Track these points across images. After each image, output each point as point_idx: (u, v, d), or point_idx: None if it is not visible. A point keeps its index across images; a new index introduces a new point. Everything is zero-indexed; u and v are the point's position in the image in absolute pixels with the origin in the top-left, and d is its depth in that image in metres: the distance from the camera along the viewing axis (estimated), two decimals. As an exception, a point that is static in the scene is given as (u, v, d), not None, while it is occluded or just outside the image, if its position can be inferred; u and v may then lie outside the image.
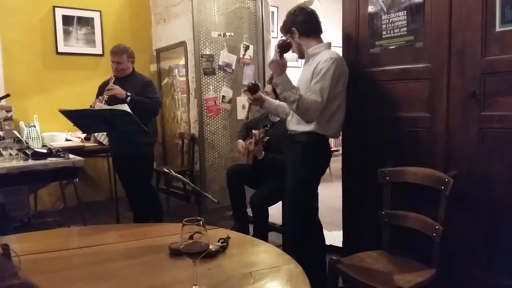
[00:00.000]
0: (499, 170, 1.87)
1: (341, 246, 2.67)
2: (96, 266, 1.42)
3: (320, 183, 2.47)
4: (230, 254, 1.46)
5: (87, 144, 4.22)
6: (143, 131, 2.90)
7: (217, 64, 4.41)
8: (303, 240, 2.31)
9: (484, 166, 1.91)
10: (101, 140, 4.26)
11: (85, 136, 4.17)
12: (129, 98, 3.06)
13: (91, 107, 3.16)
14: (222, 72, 4.45)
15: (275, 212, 3.18)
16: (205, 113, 4.38)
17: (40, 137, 4.18)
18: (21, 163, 2.93)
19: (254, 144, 2.88)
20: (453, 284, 2.01)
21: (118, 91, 3.08)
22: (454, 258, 2.00)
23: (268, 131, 2.89)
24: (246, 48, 4.58)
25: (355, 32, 2.41)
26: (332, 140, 6.43)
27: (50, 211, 4.37)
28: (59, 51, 4.59)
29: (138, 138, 3.10)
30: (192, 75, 4.43)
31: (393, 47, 2.24)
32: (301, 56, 2.37)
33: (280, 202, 2.96)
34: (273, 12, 6.10)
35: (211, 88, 4.40)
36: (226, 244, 1.50)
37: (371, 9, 2.33)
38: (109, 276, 1.34)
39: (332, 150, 6.88)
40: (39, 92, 4.48)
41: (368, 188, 2.35)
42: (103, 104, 3.04)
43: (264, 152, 2.95)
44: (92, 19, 4.78)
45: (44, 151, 3.16)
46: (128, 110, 2.80)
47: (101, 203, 4.62)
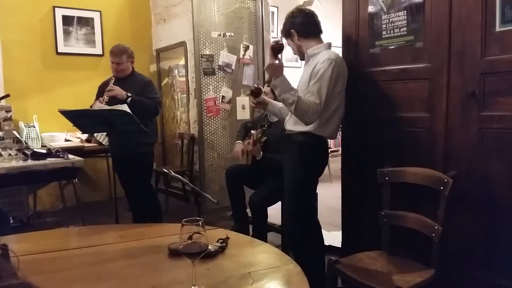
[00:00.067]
0: (498, 170, 1.87)
1: (340, 247, 2.67)
2: (95, 266, 1.42)
3: (319, 184, 2.47)
4: (229, 255, 1.46)
5: (86, 145, 4.23)
6: (143, 131, 2.90)
7: (217, 64, 4.41)
8: (302, 240, 2.31)
9: (484, 166, 1.91)
10: (100, 140, 4.26)
11: (86, 138, 4.18)
12: (129, 98, 3.06)
13: (91, 107, 3.17)
14: (222, 72, 4.45)
15: (274, 212, 3.18)
16: (204, 113, 4.38)
17: (39, 137, 4.18)
18: (20, 163, 2.93)
19: (252, 145, 2.88)
20: (452, 285, 2.01)
21: (118, 91, 3.07)
22: (454, 258, 1.99)
23: (265, 131, 2.89)
24: (246, 48, 4.58)
25: (355, 32, 2.41)
26: (332, 140, 6.45)
27: (50, 211, 4.37)
28: (59, 51, 4.59)
29: (138, 138, 3.10)
30: (192, 75, 4.43)
31: (393, 47, 2.24)
32: (302, 57, 2.37)
33: (280, 202, 2.96)
34: (273, 12, 6.10)
35: (211, 88, 4.40)
36: (225, 244, 1.50)
37: (371, 9, 2.33)
38: (108, 276, 1.34)
39: (332, 150, 6.90)
40: (38, 92, 4.48)
41: (367, 188, 2.35)
42: (103, 104, 3.03)
43: (262, 152, 2.96)
44: (92, 19, 4.78)
45: (44, 151, 3.16)
46: (128, 110, 2.80)
47: (100, 203, 4.61)
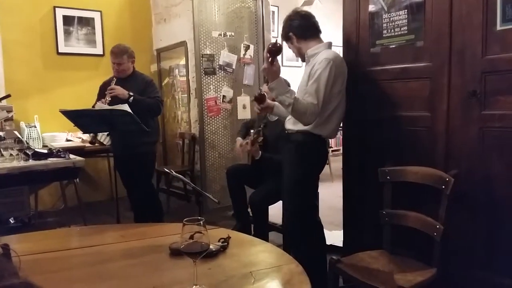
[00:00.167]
0: (499, 169, 1.86)
1: (341, 246, 2.67)
2: (97, 266, 1.42)
3: (320, 183, 2.47)
4: (231, 254, 1.46)
5: (87, 145, 4.23)
6: (144, 131, 2.90)
7: (217, 64, 4.41)
8: (303, 239, 2.30)
9: (485, 165, 1.90)
10: (101, 140, 4.26)
11: (90, 140, 4.19)
12: (131, 98, 3.06)
13: (93, 107, 3.17)
14: (222, 72, 4.45)
15: (276, 212, 3.18)
16: (205, 113, 4.39)
17: (40, 137, 4.18)
18: (21, 163, 2.93)
19: (251, 145, 2.90)
20: (453, 284, 2.01)
21: (120, 91, 3.07)
22: (455, 257, 1.99)
23: (261, 131, 2.91)
24: (247, 47, 4.58)
25: (356, 31, 2.41)
26: (333, 140, 6.45)
27: (51, 211, 4.38)
28: (59, 51, 4.59)
29: (139, 138, 3.10)
30: (192, 75, 4.43)
31: (393, 46, 2.24)
32: (303, 59, 2.37)
33: (281, 201, 2.95)
34: (273, 12, 6.10)
35: (212, 88, 4.41)
36: (226, 244, 1.50)
37: (371, 8, 2.32)
38: (109, 276, 1.34)
39: (333, 149, 6.89)
40: (39, 92, 4.48)
41: (368, 187, 2.35)
42: (105, 105, 3.03)
43: (261, 152, 2.96)
44: (93, 19, 4.78)
45: (45, 151, 3.16)
46: (129, 110, 2.80)
47: (101, 203, 4.62)
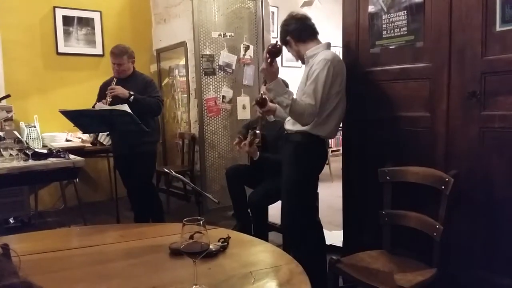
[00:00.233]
0: (499, 169, 1.86)
1: (341, 246, 2.67)
2: (97, 266, 1.42)
3: (320, 183, 2.47)
4: (231, 254, 1.46)
5: (87, 145, 4.23)
6: (144, 131, 2.90)
7: (217, 64, 4.41)
8: (302, 239, 2.30)
9: (485, 165, 1.91)
10: (101, 140, 4.26)
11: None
12: (132, 97, 3.07)
13: (93, 107, 3.17)
14: (222, 72, 4.45)
15: (275, 212, 3.17)
16: (205, 113, 4.39)
17: (40, 137, 4.18)
18: (21, 163, 2.93)
19: (249, 146, 2.91)
20: (453, 284, 2.01)
21: (120, 91, 3.08)
22: (455, 257, 1.99)
23: (257, 132, 2.93)
24: (246, 48, 4.58)
25: (355, 32, 2.41)
26: (333, 140, 6.46)
27: (51, 211, 4.38)
28: (59, 52, 4.60)
29: (140, 137, 3.11)
30: (192, 75, 4.43)
31: (393, 46, 2.24)
32: (303, 61, 2.38)
33: (280, 201, 2.96)
34: (273, 12, 6.10)
35: (211, 88, 4.41)
36: (226, 243, 1.50)
37: (371, 9, 2.33)
38: (109, 276, 1.34)
39: (333, 149, 6.89)
40: (39, 92, 4.48)
41: (368, 187, 2.35)
42: (106, 105, 3.04)
43: (258, 153, 2.97)
44: (92, 19, 4.78)
45: (45, 151, 3.16)
46: (128, 110, 2.80)
47: (101, 203, 4.62)
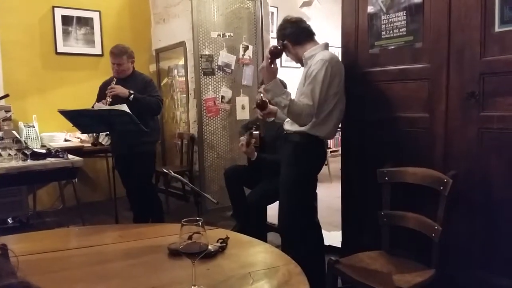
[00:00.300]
0: (498, 170, 1.87)
1: (340, 247, 2.66)
2: (95, 266, 1.42)
3: (319, 183, 2.46)
4: (229, 255, 1.46)
5: (86, 145, 4.22)
6: (144, 130, 2.90)
7: (216, 64, 4.41)
8: (301, 240, 2.30)
9: (483, 166, 1.91)
10: (100, 140, 4.25)
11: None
12: (132, 96, 3.07)
13: (93, 107, 3.17)
14: (221, 73, 4.45)
15: (274, 212, 3.17)
16: (204, 113, 4.38)
17: (39, 137, 4.18)
18: (20, 163, 2.93)
19: (246, 146, 2.91)
20: (452, 284, 2.01)
21: (120, 90, 3.08)
22: (453, 258, 2.00)
23: (253, 133, 2.93)
24: (246, 48, 4.58)
25: (355, 32, 2.41)
26: (331, 140, 6.46)
27: (49, 211, 4.37)
28: (58, 51, 4.59)
29: (140, 137, 3.11)
30: (191, 75, 4.43)
31: (392, 47, 2.24)
32: (302, 63, 2.37)
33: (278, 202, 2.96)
34: (272, 13, 6.10)
35: (211, 89, 4.41)
36: (225, 244, 1.50)
37: (370, 9, 2.33)
38: (108, 276, 1.34)
39: (332, 150, 6.90)
40: (38, 92, 4.47)
41: (367, 188, 2.35)
42: (106, 105, 3.03)
43: (256, 153, 2.97)
44: (92, 19, 4.77)
45: (43, 151, 3.16)
46: (127, 110, 2.80)
47: (100, 203, 4.61)
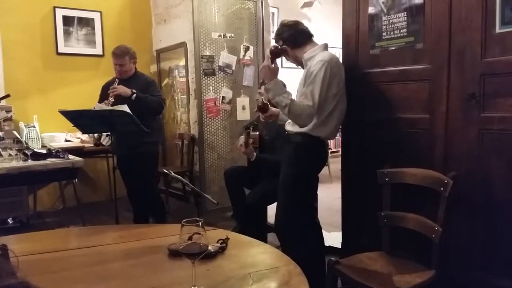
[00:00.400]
0: (498, 171, 1.86)
1: (340, 247, 2.66)
2: (96, 267, 1.42)
3: (319, 184, 2.46)
4: (229, 255, 1.46)
5: (86, 145, 4.23)
6: (144, 131, 2.90)
7: (217, 65, 4.41)
8: (301, 240, 2.29)
9: (484, 167, 1.91)
10: (102, 141, 4.26)
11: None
12: (134, 95, 3.07)
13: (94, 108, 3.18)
14: (222, 73, 4.45)
15: (274, 212, 3.17)
16: (205, 114, 4.39)
17: (39, 137, 4.18)
18: (20, 163, 2.93)
19: (244, 147, 2.91)
20: (452, 285, 2.01)
21: (122, 89, 3.09)
22: (454, 259, 1.99)
23: (250, 133, 2.93)
24: (246, 49, 4.58)
25: (355, 33, 2.41)
26: (332, 141, 6.45)
27: (50, 212, 4.37)
28: (59, 52, 4.59)
29: (142, 138, 3.11)
30: (192, 76, 4.43)
31: (393, 48, 2.24)
32: (302, 65, 2.37)
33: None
34: (273, 13, 6.10)
35: (211, 89, 4.41)
36: (225, 245, 1.50)
37: (371, 10, 2.33)
38: (108, 276, 1.34)
39: (332, 151, 6.90)
40: (39, 92, 4.48)
41: (367, 189, 2.35)
42: (109, 106, 3.04)
43: (255, 153, 2.97)
44: (93, 19, 4.78)
45: (44, 151, 3.16)
46: (128, 110, 2.80)
47: (100, 204, 4.61)
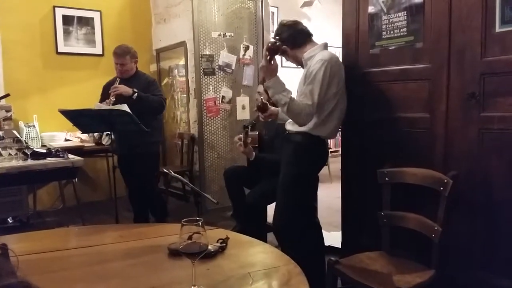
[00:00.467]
0: (498, 171, 1.86)
1: (340, 247, 2.66)
2: (95, 266, 1.42)
3: (319, 184, 2.46)
4: (229, 255, 1.46)
5: (86, 144, 4.23)
6: (145, 131, 2.90)
7: (217, 64, 4.41)
8: (300, 240, 2.29)
9: (484, 167, 1.90)
10: (102, 140, 4.26)
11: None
12: (135, 94, 3.07)
13: None
14: (222, 73, 4.45)
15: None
16: (204, 113, 4.38)
17: (39, 137, 4.18)
18: (20, 163, 2.93)
19: (244, 146, 2.90)
20: (452, 285, 2.01)
21: (123, 89, 3.09)
22: (454, 259, 1.99)
23: (248, 132, 2.92)
24: (246, 48, 4.58)
25: (355, 32, 2.41)
26: (332, 141, 6.46)
27: (49, 211, 4.37)
28: (59, 51, 4.59)
29: (143, 137, 3.11)
30: (192, 75, 4.43)
31: (393, 47, 2.24)
32: (302, 65, 2.37)
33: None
34: (273, 13, 6.10)
35: (211, 89, 4.41)
36: (225, 244, 1.50)
37: (371, 9, 2.33)
38: (108, 276, 1.34)
39: (332, 150, 6.91)
40: (38, 92, 4.47)
41: (367, 188, 2.35)
42: (110, 105, 3.04)
43: (254, 153, 2.97)
44: (92, 19, 4.78)
45: (44, 151, 3.16)
46: (128, 110, 2.80)
47: (100, 203, 4.61)
